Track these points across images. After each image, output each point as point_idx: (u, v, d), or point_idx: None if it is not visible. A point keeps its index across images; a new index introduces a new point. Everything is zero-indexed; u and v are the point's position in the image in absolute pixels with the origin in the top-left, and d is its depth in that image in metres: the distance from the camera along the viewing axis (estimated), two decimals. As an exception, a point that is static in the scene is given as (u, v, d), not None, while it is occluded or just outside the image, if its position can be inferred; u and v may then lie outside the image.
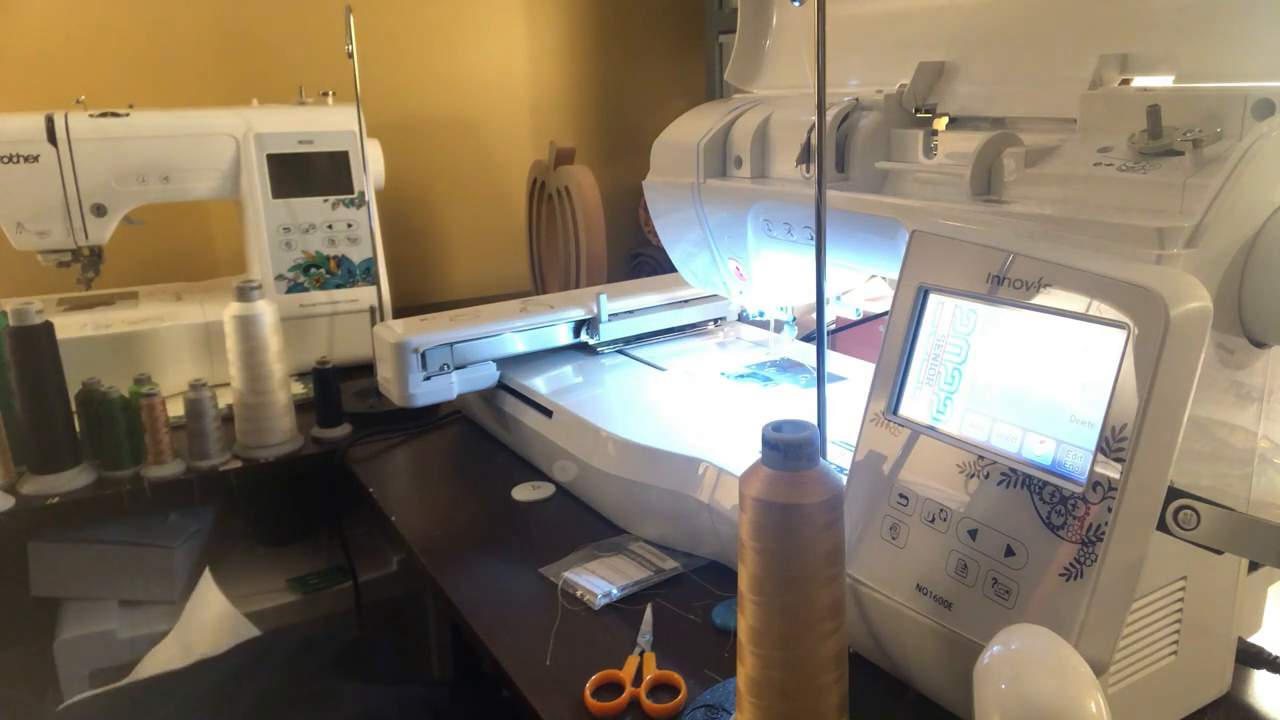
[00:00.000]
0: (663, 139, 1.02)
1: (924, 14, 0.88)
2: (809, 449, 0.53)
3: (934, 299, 0.64)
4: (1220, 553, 0.54)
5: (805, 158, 0.86)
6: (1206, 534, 0.53)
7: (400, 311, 1.28)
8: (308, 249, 1.38)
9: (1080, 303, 0.55)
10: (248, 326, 1.11)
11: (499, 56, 1.85)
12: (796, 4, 1.01)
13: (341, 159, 1.39)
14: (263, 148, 1.34)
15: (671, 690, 0.68)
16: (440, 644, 1.22)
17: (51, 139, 1.24)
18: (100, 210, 1.28)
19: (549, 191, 1.61)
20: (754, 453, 0.55)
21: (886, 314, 0.67)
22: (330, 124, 1.38)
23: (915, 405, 0.64)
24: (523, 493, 1.01)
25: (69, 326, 1.22)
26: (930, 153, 0.80)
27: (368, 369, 1.24)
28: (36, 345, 1.03)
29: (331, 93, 1.45)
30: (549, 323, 1.16)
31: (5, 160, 1.22)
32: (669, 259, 1.09)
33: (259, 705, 0.83)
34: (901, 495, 0.64)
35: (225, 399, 1.17)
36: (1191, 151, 0.59)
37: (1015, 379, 0.59)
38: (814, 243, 0.69)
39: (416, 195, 1.83)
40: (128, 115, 1.28)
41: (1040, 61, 0.77)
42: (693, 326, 1.27)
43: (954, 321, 0.63)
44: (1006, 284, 0.59)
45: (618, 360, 1.18)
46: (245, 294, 1.11)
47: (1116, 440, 0.53)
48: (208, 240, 1.67)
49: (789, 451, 0.53)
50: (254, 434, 1.14)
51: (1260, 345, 0.60)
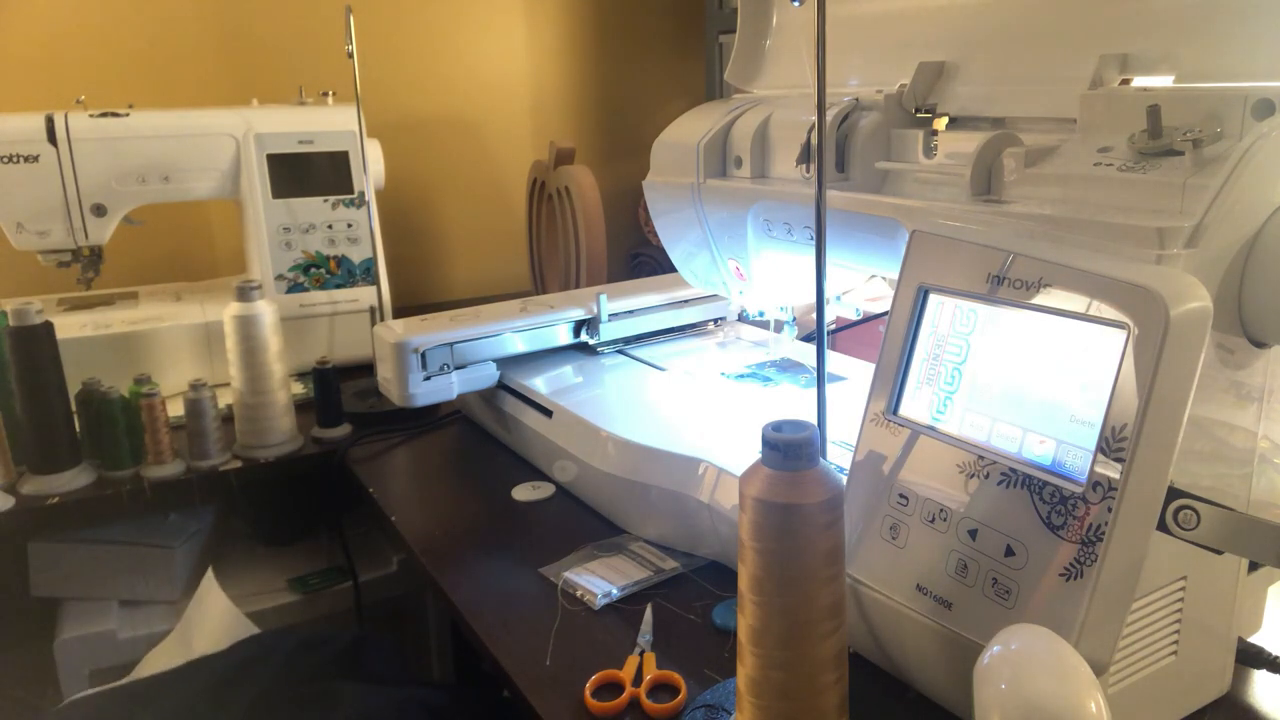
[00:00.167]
0: (663, 139, 1.02)
1: (924, 14, 0.88)
2: (809, 449, 0.53)
3: (934, 299, 0.64)
4: (1220, 553, 0.54)
5: (805, 158, 0.86)
6: (1206, 534, 0.53)
7: (400, 311, 1.28)
8: (308, 249, 1.38)
9: (1080, 303, 0.55)
10: (248, 326, 1.11)
11: (499, 56, 1.85)
12: (796, 4, 1.01)
13: (341, 159, 1.39)
14: (263, 148, 1.34)
15: (671, 690, 0.68)
16: (440, 644, 1.22)
17: (51, 139, 1.24)
18: (100, 210, 1.28)
19: (549, 191, 1.61)
20: (754, 453, 0.55)
21: (886, 314, 0.67)
22: (330, 124, 1.38)
23: (915, 405, 0.64)
24: (523, 493, 1.01)
25: (69, 326, 1.22)
26: (930, 153, 0.80)
27: (368, 369, 1.24)
28: (36, 345, 1.03)
29: (331, 93, 1.45)
30: (549, 323, 1.16)
31: (5, 160, 1.22)
32: (669, 259, 1.09)
33: (258, 705, 0.83)
34: (901, 495, 0.64)
35: (225, 399, 1.17)
36: (1191, 151, 0.59)
37: (1015, 379, 0.59)
38: (814, 243, 0.69)
39: (416, 195, 1.83)
40: (128, 115, 1.28)
41: (1040, 61, 0.77)
42: (693, 326, 1.27)
43: (954, 321, 0.63)
44: (1006, 284, 0.59)
45: (618, 360, 1.18)
46: (245, 294, 1.11)
47: (1116, 440, 0.53)
48: (208, 240, 1.67)
49: (789, 451, 0.53)
50: (254, 434, 1.14)
51: (1260, 345, 0.60)
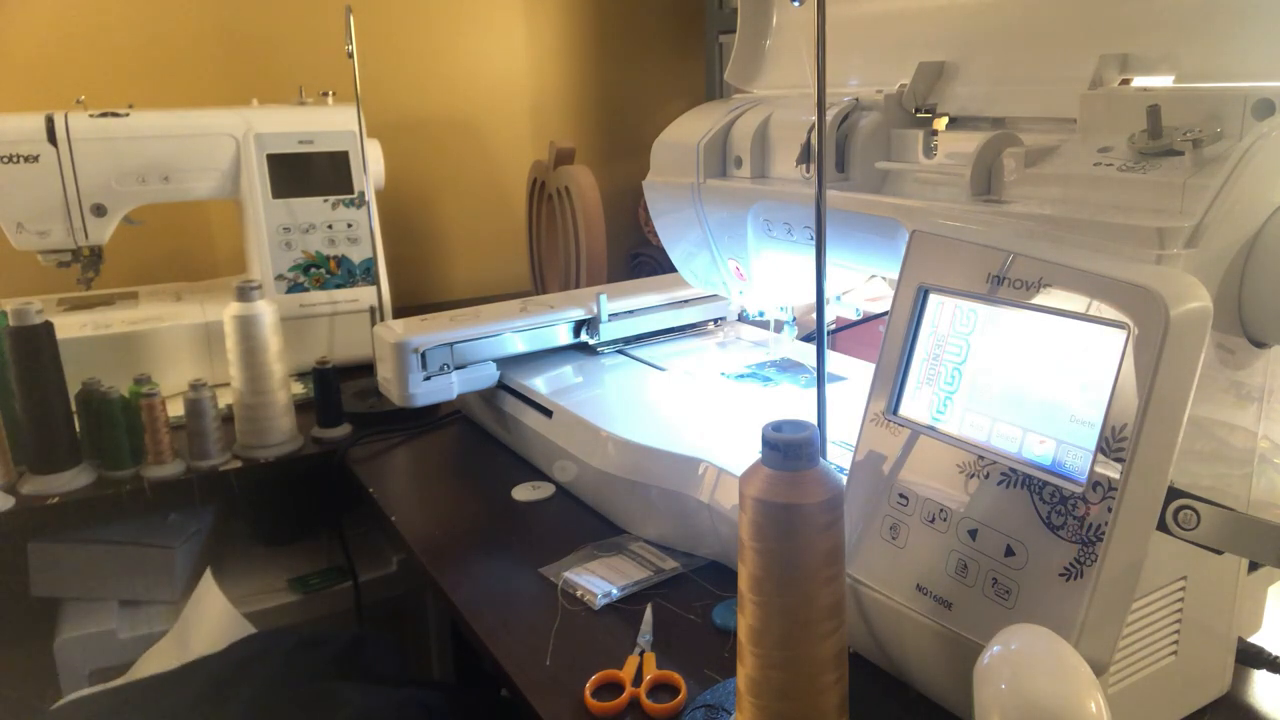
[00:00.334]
0: (663, 139, 1.02)
1: (924, 14, 0.88)
2: (809, 449, 0.53)
3: (934, 299, 0.64)
4: (1220, 553, 0.54)
5: (805, 158, 0.86)
6: (1206, 534, 0.53)
7: (400, 311, 1.28)
8: (308, 249, 1.38)
9: (1080, 303, 0.55)
10: (248, 326, 1.11)
11: (499, 56, 1.85)
12: (796, 4, 1.01)
13: (341, 159, 1.39)
14: (263, 148, 1.34)
15: (671, 690, 0.68)
16: (440, 644, 1.22)
17: (51, 139, 1.24)
18: (100, 210, 1.28)
19: (549, 191, 1.61)
20: (754, 453, 0.55)
21: (886, 314, 0.67)
22: (330, 124, 1.38)
23: (915, 405, 0.64)
24: (523, 493, 1.01)
25: (69, 326, 1.22)
26: (930, 153, 0.80)
27: (368, 369, 1.24)
28: (36, 345, 1.03)
29: (331, 93, 1.45)
30: (549, 323, 1.16)
31: (5, 160, 1.22)
32: (669, 259, 1.09)
33: (257, 705, 0.83)
34: (901, 495, 0.64)
35: (225, 399, 1.17)
36: (1191, 151, 0.59)
37: (1015, 379, 0.59)
38: (814, 243, 0.69)
39: (416, 195, 1.83)
40: (128, 115, 1.28)
41: (1040, 61, 0.77)
42: (693, 326, 1.27)
43: (954, 321, 0.63)
44: (1006, 284, 0.59)
45: (618, 360, 1.18)
46: (245, 294, 1.11)
47: (1116, 440, 0.53)
48: (208, 240, 1.67)
49: (789, 451, 0.53)
50: (254, 434, 1.14)
51: (1260, 345, 0.60)
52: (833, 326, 1.17)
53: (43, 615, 1.13)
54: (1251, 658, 0.67)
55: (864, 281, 0.95)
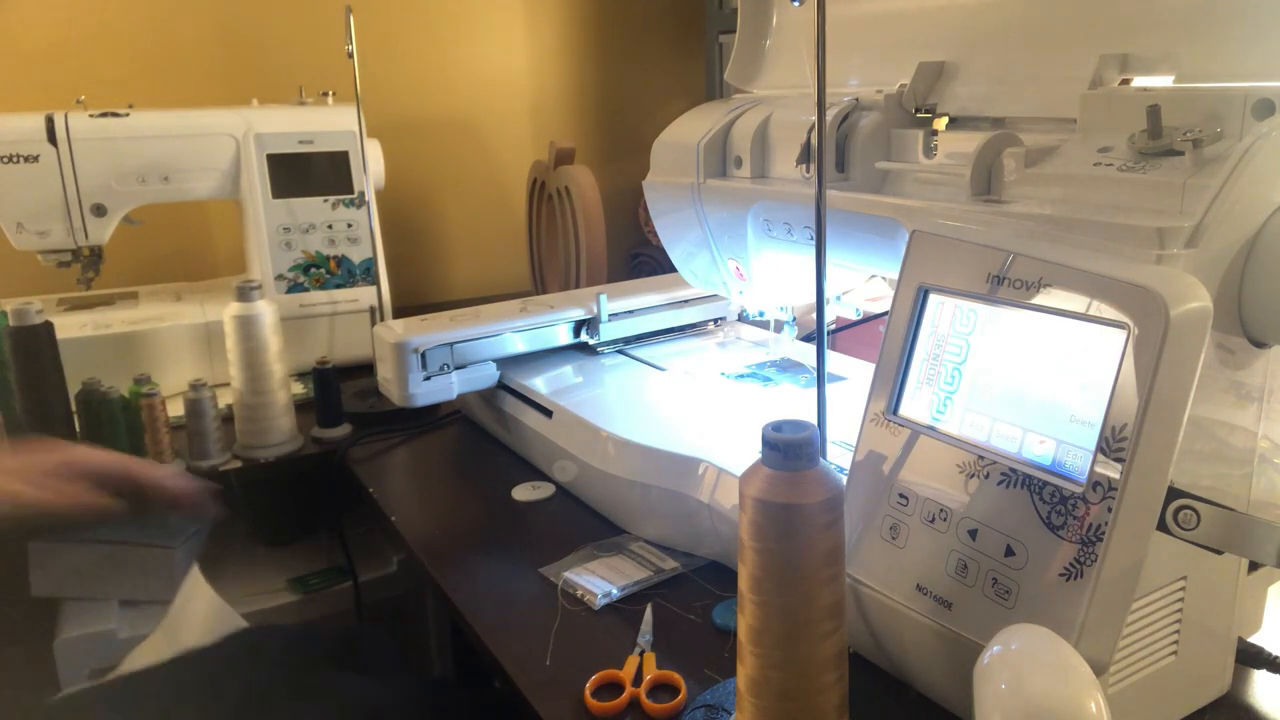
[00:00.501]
0: (663, 139, 1.02)
1: (924, 14, 0.88)
2: (809, 449, 0.53)
3: (934, 299, 0.64)
4: (1220, 553, 0.54)
5: (805, 158, 0.86)
6: (1206, 534, 0.53)
7: (400, 311, 1.28)
8: (308, 249, 1.38)
9: (1080, 303, 0.55)
10: (248, 326, 1.11)
11: (499, 56, 1.85)
12: (796, 4, 1.01)
13: (341, 159, 1.39)
14: (263, 148, 1.34)
15: (671, 690, 0.68)
16: (440, 644, 1.22)
17: (51, 139, 1.24)
18: (100, 210, 1.28)
19: (549, 191, 1.61)
20: (754, 453, 0.55)
21: (886, 314, 0.67)
22: (330, 124, 1.38)
23: (915, 405, 0.64)
24: (523, 493, 1.01)
25: (69, 326, 1.22)
26: (930, 153, 0.80)
27: (368, 369, 1.24)
28: (36, 345, 1.03)
29: (331, 93, 1.45)
30: (549, 323, 1.16)
31: (5, 160, 1.22)
32: (669, 259, 1.09)
33: (250, 696, 0.82)
34: (901, 495, 0.64)
35: (225, 399, 1.17)
36: (1191, 151, 0.59)
37: (1015, 379, 0.59)
38: (814, 243, 0.69)
39: (416, 195, 1.82)
40: (128, 115, 1.28)
41: (1040, 61, 0.77)
42: (693, 326, 1.27)
43: (954, 321, 0.63)
44: (1006, 284, 0.59)
45: (618, 360, 1.18)
46: (245, 294, 1.11)
47: (1116, 440, 0.53)
48: (208, 240, 1.67)
49: (789, 451, 0.53)
50: (254, 434, 1.14)
51: (1260, 345, 0.60)
52: (833, 326, 1.17)
53: (43, 615, 1.13)
54: (1251, 658, 0.67)
55: (864, 281, 0.95)
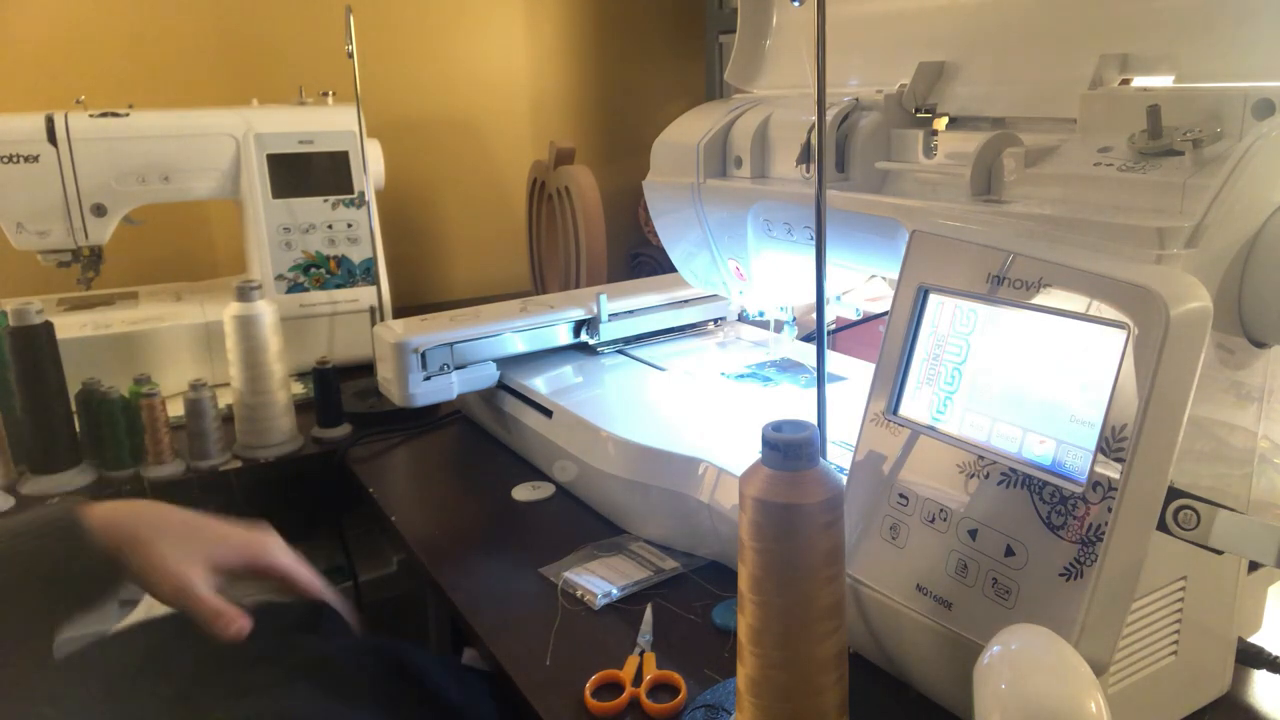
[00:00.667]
0: (663, 139, 1.02)
1: (924, 14, 0.88)
2: (809, 449, 0.53)
3: (934, 299, 0.64)
4: (1220, 553, 0.54)
5: (805, 158, 0.86)
6: (1206, 534, 0.53)
7: (400, 311, 1.28)
8: (308, 249, 1.38)
9: (1080, 303, 0.55)
10: (248, 326, 1.11)
11: (499, 56, 1.85)
12: (796, 4, 1.01)
13: (341, 159, 1.39)
14: (263, 148, 1.34)
15: (671, 690, 0.68)
16: (440, 644, 1.22)
17: (51, 139, 1.24)
18: (100, 210, 1.28)
19: (549, 191, 1.61)
20: (754, 453, 0.55)
21: (886, 314, 0.67)
22: (330, 124, 1.38)
23: (915, 405, 0.64)
24: (523, 493, 1.01)
25: (69, 326, 1.22)
26: (930, 153, 0.80)
27: (368, 369, 1.24)
28: (36, 345, 1.03)
29: (331, 93, 1.45)
30: (549, 323, 1.16)
31: (5, 160, 1.22)
32: (669, 259, 1.09)
33: (208, 659, 0.75)
34: (901, 495, 0.64)
35: (225, 399, 1.17)
36: (1191, 151, 0.59)
37: (1015, 379, 0.59)
38: (814, 243, 0.69)
39: (416, 195, 1.82)
40: (128, 115, 1.28)
41: (1040, 61, 0.77)
42: (693, 326, 1.27)
43: (954, 321, 0.63)
44: (1006, 284, 0.59)
45: (618, 360, 1.18)
46: (245, 294, 1.11)
47: (1116, 440, 0.53)
48: (208, 240, 1.67)
49: (789, 451, 0.53)
50: (254, 434, 1.14)
51: (1260, 345, 0.60)
52: (833, 326, 1.17)
53: (43, 615, 1.13)
54: (1251, 658, 0.67)
55: (864, 281, 0.95)
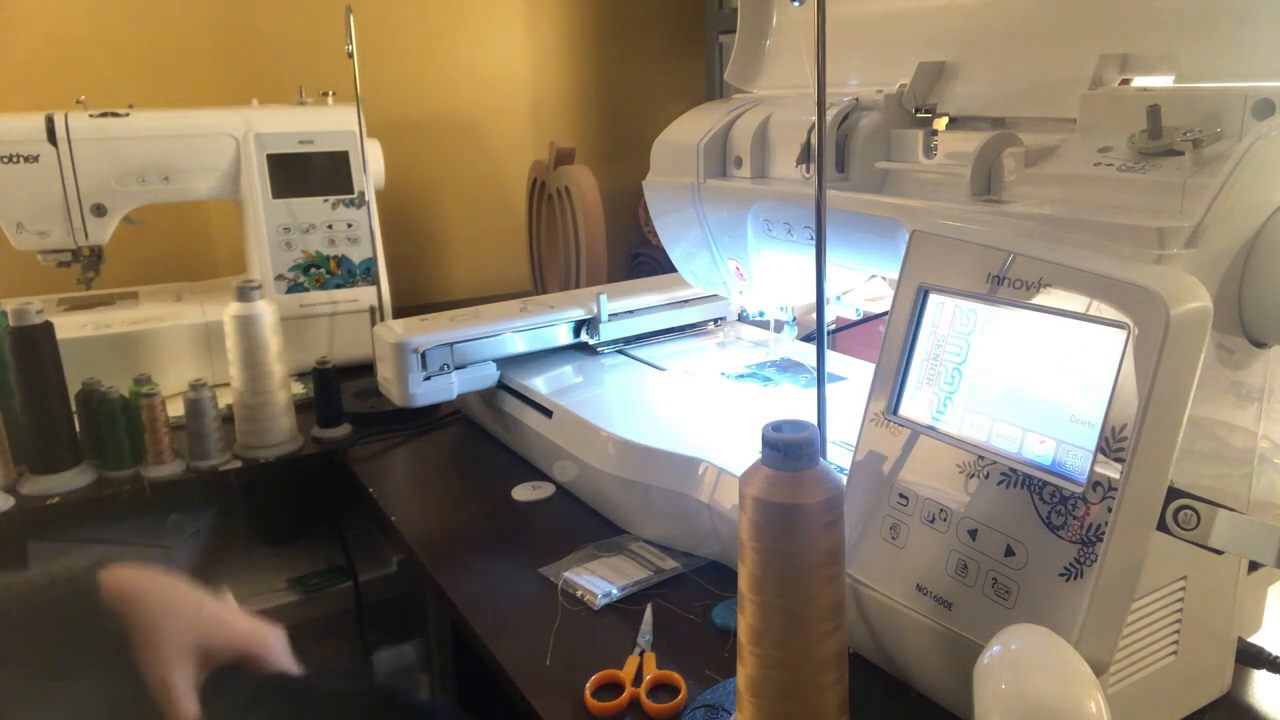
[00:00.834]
0: (663, 139, 1.02)
1: (924, 14, 0.88)
2: (809, 449, 0.53)
3: (934, 299, 0.64)
4: (1220, 553, 0.54)
5: (805, 158, 0.86)
6: (1206, 534, 0.53)
7: (400, 311, 1.28)
8: (308, 249, 1.38)
9: (1080, 303, 0.55)
10: (248, 326, 1.11)
11: (499, 56, 1.85)
12: (796, 4, 1.01)
13: (341, 159, 1.39)
14: (263, 148, 1.34)
15: (671, 690, 0.68)
16: (440, 644, 1.22)
17: (51, 139, 1.24)
18: (100, 210, 1.28)
19: (549, 191, 1.61)
20: (754, 453, 0.55)
21: (886, 314, 0.67)
22: (330, 124, 1.38)
23: (915, 405, 0.64)
24: (523, 493, 1.01)
25: (69, 326, 1.22)
26: (930, 153, 0.80)
27: (368, 369, 1.24)
28: (36, 345, 1.03)
29: (331, 93, 1.45)
30: (549, 323, 1.16)
31: (5, 160, 1.22)
32: (669, 259, 1.09)
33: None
34: (901, 495, 0.64)
35: (225, 399, 1.17)
36: (1191, 151, 0.59)
37: (1015, 379, 0.59)
38: (814, 243, 0.69)
39: (416, 195, 1.82)
40: (128, 115, 1.28)
41: (1040, 61, 0.77)
42: (693, 326, 1.27)
43: (954, 321, 0.63)
44: (1006, 284, 0.59)
45: (618, 360, 1.18)
46: (245, 294, 1.11)
47: (1116, 440, 0.53)
48: (208, 240, 1.67)
49: (789, 451, 0.53)
50: (254, 434, 1.14)
51: (1260, 345, 0.60)
52: (833, 326, 1.17)
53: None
54: (1251, 658, 0.67)
55: (864, 281, 0.95)
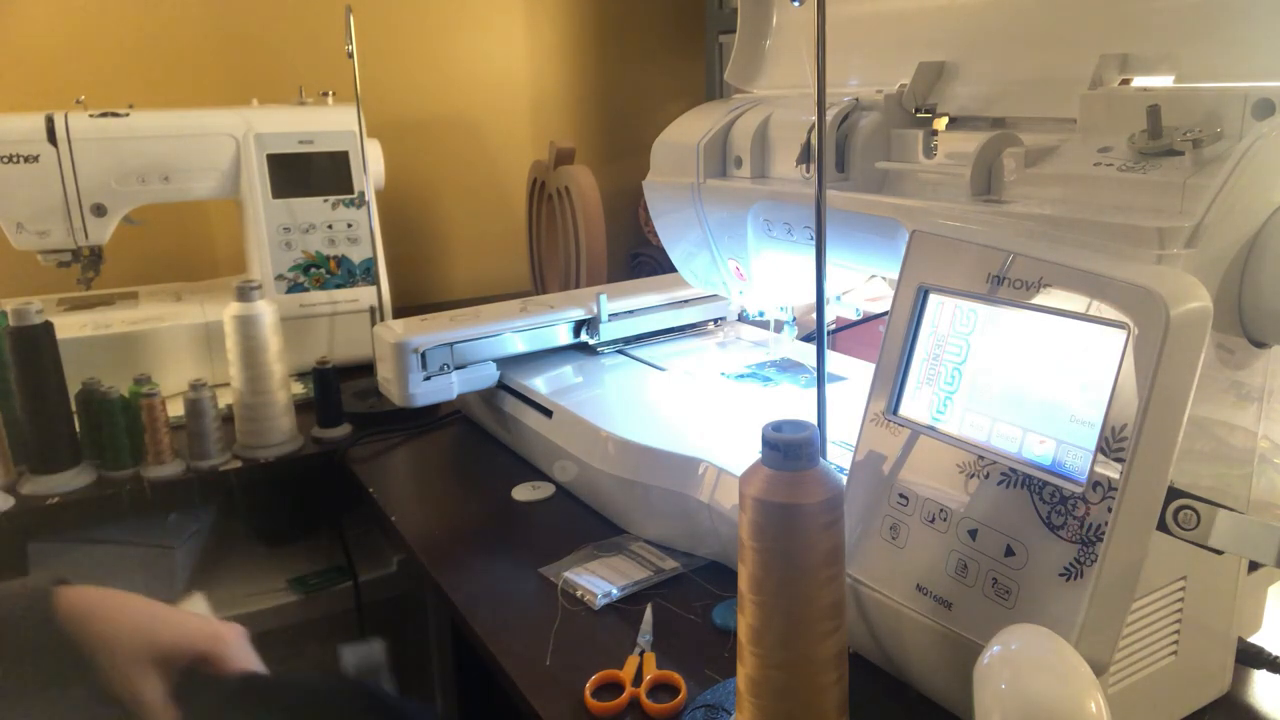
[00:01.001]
0: (663, 139, 1.02)
1: (924, 14, 0.88)
2: (809, 449, 0.53)
3: (934, 299, 0.64)
4: (1220, 553, 0.54)
5: (805, 158, 0.86)
6: (1206, 534, 0.53)
7: (400, 311, 1.28)
8: (308, 249, 1.38)
9: (1080, 303, 0.55)
10: (248, 326, 1.11)
11: (499, 56, 1.85)
12: (796, 4, 1.01)
13: (341, 159, 1.39)
14: (263, 148, 1.34)
15: (671, 690, 0.68)
16: (440, 644, 1.22)
17: (51, 139, 1.24)
18: (100, 210, 1.28)
19: (549, 191, 1.61)
20: (754, 453, 0.55)
21: (886, 314, 0.67)
22: (330, 124, 1.38)
23: (915, 405, 0.64)
24: (523, 493, 1.01)
25: (69, 326, 1.22)
26: (930, 153, 0.80)
27: (368, 369, 1.24)
28: (36, 345, 1.03)
29: (331, 93, 1.45)
30: (549, 323, 1.16)
31: (5, 160, 1.22)
32: (669, 259, 1.09)
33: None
34: (901, 495, 0.64)
35: (225, 399, 1.17)
36: (1191, 151, 0.59)
37: (1015, 379, 0.59)
38: (814, 243, 0.69)
39: (416, 195, 1.82)
40: (128, 115, 1.28)
41: (1040, 61, 0.77)
42: (693, 326, 1.27)
43: (954, 321, 0.63)
44: (1006, 284, 0.59)
45: (618, 360, 1.18)
46: (245, 294, 1.11)
47: (1116, 440, 0.53)
48: (208, 240, 1.67)
49: (789, 451, 0.53)
50: (254, 434, 1.14)
51: (1260, 345, 0.60)
52: (833, 326, 1.17)
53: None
54: (1251, 658, 0.67)
55: (864, 281, 0.95)
